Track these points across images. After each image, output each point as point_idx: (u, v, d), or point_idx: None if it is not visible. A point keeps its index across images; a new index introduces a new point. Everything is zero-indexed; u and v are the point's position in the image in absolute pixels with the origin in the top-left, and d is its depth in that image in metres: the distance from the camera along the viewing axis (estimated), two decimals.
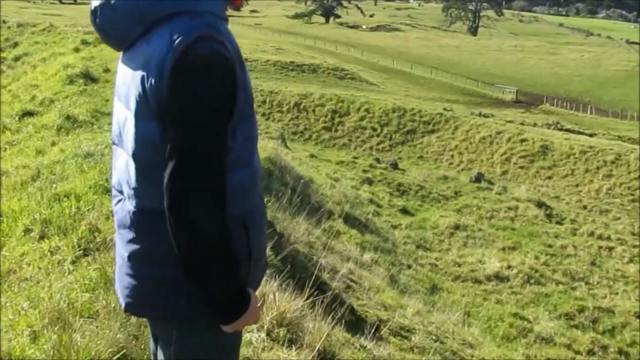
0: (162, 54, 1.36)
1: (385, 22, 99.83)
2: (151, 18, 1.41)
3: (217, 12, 1.47)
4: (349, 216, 12.83)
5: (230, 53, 1.39)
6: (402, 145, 28.82)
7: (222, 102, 1.38)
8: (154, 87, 1.37)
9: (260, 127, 24.92)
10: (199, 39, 1.35)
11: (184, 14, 1.40)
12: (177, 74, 1.34)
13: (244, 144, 1.50)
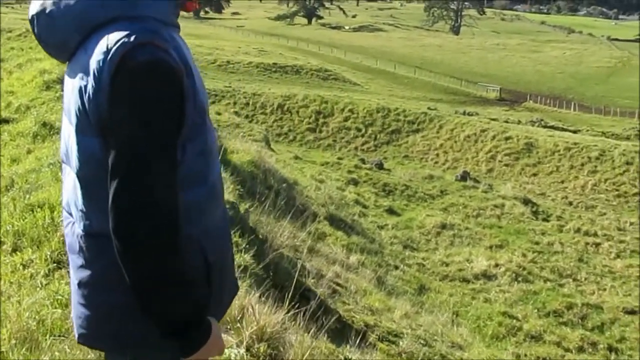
0: (99, 63, 1.22)
1: (368, 23, 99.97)
2: (89, 25, 1.28)
3: (161, 17, 1.33)
4: (334, 218, 12.72)
5: (176, 61, 1.25)
6: (387, 145, 28.77)
7: (167, 113, 1.24)
8: (92, 99, 1.24)
9: (244, 129, 24.79)
10: (138, 46, 1.21)
11: (122, 19, 1.26)
12: (115, 84, 1.21)
13: (197, 158, 1.36)
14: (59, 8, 1.30)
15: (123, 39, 1.21)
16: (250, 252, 4.44)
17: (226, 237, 1.54)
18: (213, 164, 1.44)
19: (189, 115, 1.29)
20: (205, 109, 1.37)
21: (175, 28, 1.39)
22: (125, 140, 1.21)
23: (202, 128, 1.36)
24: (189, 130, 1.31)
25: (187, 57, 1.31)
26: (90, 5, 1.28)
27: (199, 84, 1.34)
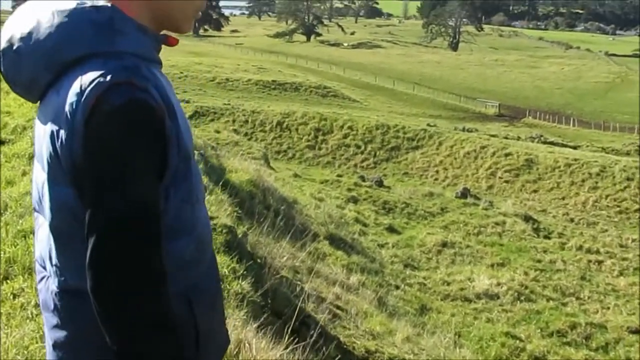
0: (72, 106, 1.10)
1: (367, 40, 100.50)
2: (60, 62, 1.15)
3: (140, 52, 1.19)
4: (334, 237, 12.60)
5: (157, 101, 1.12)
6: (387, 162, 28.71)
7: (148, 160, 1.12)
8: (65, 145, 1.11)
9: (243, 147, 24.74)
10: (114, 86, 1.08)
11: (97, 56, 1.14)
12: (89, 129, 1.08)
13: (182, 206, 1.23)
14: (27, 44, 1.16)
15: (98, 78, 1.09)
16: (248, 278, 4.31)
17: (216, 291, 1.41)
18: (199, 211, 1.31)
19: (172, 161, 1.17)
20: (190, 152, 1.24)
21: (157, 64, 1.26)
22: (101, 192, 1.09)
23: (187, 173, 1.23)
24: (172, 176, 1.19)
25: (170, 96, 1.19)
26: (62, 41, 1.15)
27: (183, 125, 1.21)
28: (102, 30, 1.15)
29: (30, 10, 1.21)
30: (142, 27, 1.20)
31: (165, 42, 1.30)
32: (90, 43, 1.14)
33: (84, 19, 1.16)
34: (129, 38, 1.17)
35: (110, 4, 1.18)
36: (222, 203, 6.37)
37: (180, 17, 1.28)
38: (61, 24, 1.15)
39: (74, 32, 1.15)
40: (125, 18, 1.18)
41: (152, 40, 1.24)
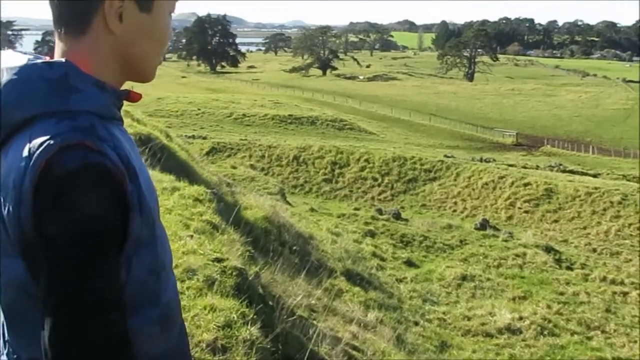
0: (20, 171, 1.00)
1: (382, 72, 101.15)
2: (9, 123, 1.07)
3: (97, 110, 1.09)
4: (351, 273, 12.44)
5: (114, 163, 1.03)
6: (404, 194, 28.55)
7: (105, 229, 1.02)
8: (12, 215, 1.02)
9: (259, 182, 24.76)
10: (65, 149, 0.99)
11: (49, 116, 1.04)
12: (38, 197, 0.99)
13: (146, 276, 1.13)
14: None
15: (48, 141, 0.99)
16: (257, 323, 4.19)
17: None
18: (166, 279, 1.21)
19: (134, 228, 1.07)
20: (154, 217, 1.15)
21: (117, 122, 1.17)
22: (54, 268, 0.99)
23: (151, 240, 1.14)
24: (134, 244, 1.09)
25: (131, 156, 1.10)
26: (11, 101, 1.06)
27: (146, 187, 1.11)
28: (54, 88, 1.07)
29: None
30: (99, 83, 1.12)
31: (127, 97, 1.21)
32: (41, 102, 1.05)
33: (35, 76, 1.07)
34: (84, 95, 1.08)
35: (64, 60, 1.11)
36: (234, 243, 6.28)
37: (147, 67, 1.23)
38: (10, 81, 1.07)
39: (24, 90, 1.06)
40: (81, 74, 1.10)
41: (111, 97, 1.14)
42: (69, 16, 1.14)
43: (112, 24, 1.13)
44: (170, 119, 42.99)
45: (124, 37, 1.15)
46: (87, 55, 1.13)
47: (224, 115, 46.84)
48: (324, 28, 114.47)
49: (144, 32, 1.18)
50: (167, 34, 1.23)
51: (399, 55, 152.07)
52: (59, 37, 1.15)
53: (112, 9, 1.12)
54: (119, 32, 1.14)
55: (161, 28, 1.20)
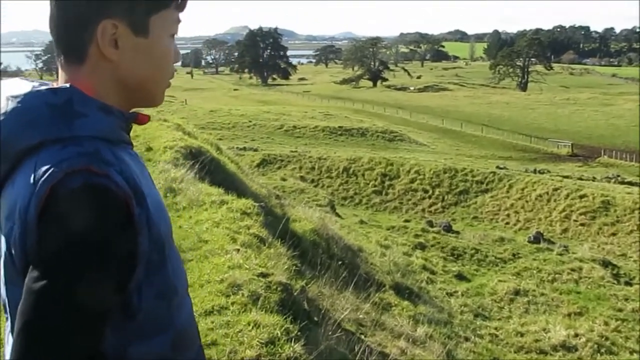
0: (25, 198, 1.00)
1: (433, 83, 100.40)
2: (15, 151, 1.05)
3: (103, 134, 1.08)
4: (400, 286, 12.30)
5: (120, 187, 1.01)
6: (455, 206, 28.18)
7: (107, 250, 0.99)
8: (17, 241, 1.01)
9: (309, 194, 24.83)
10: (70, 175, 0.98)
11: (54, 142, 1.03)
12: (42, 223, 0.98)
13: (157, 302, 1.11)
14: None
15: (52, 168, 0.99)
16: (301, 340, 4.17)
17: None
18: (180, 304, 1.18)
19: (143, 252, 1.05)
20: (164, 240, 1.11)
21: (125, 145, 1.15)
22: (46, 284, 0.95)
23: (162, 264, 1.11)
24: (145, 269, 1.07)
25: (138, 179, 1.08)
26: (16, 129, 1.05)
27: (155, 210, 1.09)
28: (59, 114, 1.05)
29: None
30: (105, 107, 1.10)
31: (135, 120, 1.19)
32: (46, 129, 1.04)
33: (39, 103, 1.06)
34: (89, 120, 1.07)
35: (69, 85, 1.09)
36: (281, 257, 6.28)
37: (151, 92, 1.21)
38: (15, 110, 1.06)
39: (28, 118, 1.05)
40: (86, 99, 1.08)
41: (118, 120, 1.13)
42: (66, 46, 1.13)
43: (107, 51, 1.11)
44: (222, 132, 43.60)
45: (122, 63, 1.13)
46: (89, 82, 1.12)
47: (274, 127, 47.23)
48: (375, 39, 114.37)
49: (143, 57, 1.15)
50: (168, 57, 1.20)
51: (450, 65, 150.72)
52: (61, 66, 1.15)
53: (106, 37, 1.10)
54: (116, 59, 1.12)
55: (161, 51, 1.17)
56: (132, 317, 1.07)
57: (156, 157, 10.21)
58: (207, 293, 4.33)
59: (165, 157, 9.73)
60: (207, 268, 4.87)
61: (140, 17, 1.12)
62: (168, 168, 8.70)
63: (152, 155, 10.88)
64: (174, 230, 4.60)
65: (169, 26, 1.18)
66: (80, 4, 1.10)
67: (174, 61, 1.23)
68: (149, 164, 10.09)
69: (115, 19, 1.10)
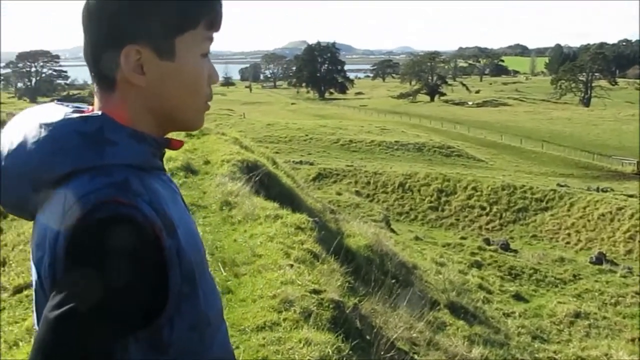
0: (54, 229, 0.99)
1: (492, 98, 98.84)
2: (45, 180, 1.04)
3: (134, 162, 1.06)
4: (455, 305, 12.10)
5: (148, 218, 0.98)
6: (514, 224, 27.59)
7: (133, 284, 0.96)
8: (47, 271, 1.00)
9: (364, 209, 24.76)
10: (98, 206, 0.96)
11: (84, 171, 1.01)
12: (69, 254, 0.97)
13: (189, 334, 1.07)
14: (13, 162, 1.07)
15: (80, 200, 0.97)
16: (353, 359, 4.12)
17: None
18: (212, 336, 1.14)
19: (174, 284, 1.02)
20: (195, 271, 1.08)
21: (158, 171, 1.14)
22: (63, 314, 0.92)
23: (193, 295, 1.07)
24: (175, 302, 1.04)
25: (169, 208, 1.05)
26: (47, 158, 1.04)
27: (187, 240, 1.06)
28: (89, 143, 1.03)
29: (19, 123, 1.12)
30: (136, 134, 1.08)
31: (169, 145, 1.16)
32: (76, 158, 1.03)
33: (70, 132, 1.04)
34: (119, 148, 1.05)
35: (100, 113, 1.08)
36: (334, 273, 6.25)
37: (185, 115, 1.15)
38: (46, 138, 1.05)
39: (59, 147, 1.04)
40: (117, 126, 1.06)
41: (150, 147, 1.10)
42: (96, 73, 1.11)
43: (133, 77, 1.08)
44: (279, 145, 44.01)
45: (150, 89, 1.10)
46: (121, 110, 1.09)
47: (331, 142, 47.36)
48: (433, 54, 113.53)
49: (171, 81, 1.10)
50: (199, 79, 1.14)
51: (510, 80, 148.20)
52: (95, 93, 1.13)
53: (130, 63, 1.07)
54: (144, 84, 1.09)
55: (191, 74, 1.12)
56: (164, 352, 1.04)
57: (213, 171, 10.35)
58: (259, 308, 4.34)
59: (222, 171, 9.86)
60: (260, 283, 4.89)
61: (164, 40, 1.08)
62: (224, 181, 8.81)
63: (209, 169, 11.06)
64: (229, 244, 4.64)
65: (197, 46, 1.12)
66: (103, 31, 1.08)
67: (211, 82, 1.17)
68: (206, 177, 10.29)
69: (138, 43, 1.06)
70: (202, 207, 8.29)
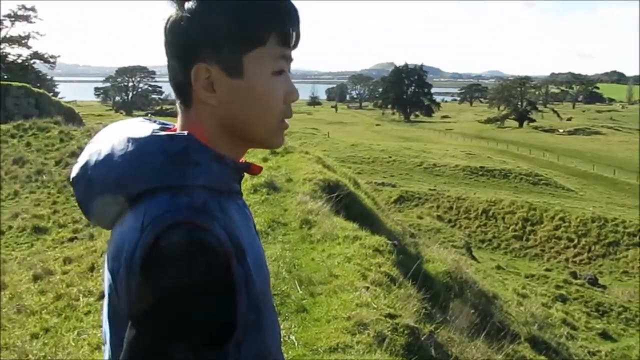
0: (132, 243, 1.01)
1: (585, 126, 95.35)
2: (127, 194, 1.06)
3: (214, 185, 1.08)
4: (537, 339, 11.66)
5: (221, 243, 1.00)
6: (603, 258, 26.39)
7: (207, 312, 0.98)
8: (123, 285, 1.03)
9: (445, 234, 24.34)
10: (174, 226, 0.98)
11: (164, 190, 1.03)
12: (143, 270, 0.99)
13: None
14: (99, 173, 1.10)
15: (158, 218, 0.99)
16: None
17: None
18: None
19: (242, 311, 1.03)
20: (260, 299, 1.08)
21: (235, 195, 1.15)
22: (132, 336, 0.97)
23: (258, 325, 1.08)
24: (242, 329, 1.04)
25: (241, 234, 1.06)
26: (131, 172, 1.06)
27: (255, 267, 1.07)
28: (173, 162, 1.05)
29: (108, 135, 1.15)
30: (219, 157, 1.10)
31: (248, 170, 1.18)
32: (159, 175, 1.05)
33: (156, 149, 1.06)
34: (202, 169, 1.06)
35: (186, 133, 1.09)
36: (410, 298, 6.16)
37: (259, 133, 1.15)
38: (132, 152, 1.07)
39: (144, 162, 1.06)
40: (202, 147, 1.08)
41: (230, 170, 1.12)
42: (175, 90, 1.14)
43: (204, 95, 1.10)
44: (362, 166, 44.04)
45: (222, 107, 1.11)
46: (199, 127, 1.12)
47: (414, 164, 46.96)
48: (523, 79, 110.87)
49: (241, 99, 1.11)
50: (271, 96, 1.12)
51: (604, 108, 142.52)
52: (178, 109, 1.16)
53: (199, 81, 1.09)
54: (215, 102, 1.10)
55: (260, 90, 1.11)
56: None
57: (295, 188, 10.46)
58: (333, 329, 4.33)
59: (303, 189, 9.95)
60: (335, 303, 4.88)
61: (231, 58, 1.08)
62: (305, 200, 8.88)
63: (291, 187, 11.19)
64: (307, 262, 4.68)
65: (268, 63, 1.11)
66: (176, 50, 1.10)
67: (288, 100, 1.16)
68: (288, 195, 10.43)
69: (206, 62, 1.08)
70: (282, 225, 8.39)
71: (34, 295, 7.53)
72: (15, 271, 9.01)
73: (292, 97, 1.16)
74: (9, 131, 18.16)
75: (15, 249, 11.01)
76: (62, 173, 15.09)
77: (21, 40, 53.43)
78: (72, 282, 7.58)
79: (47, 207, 13.06)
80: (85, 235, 10.98)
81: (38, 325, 6.39)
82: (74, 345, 5.41)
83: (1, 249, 11.05)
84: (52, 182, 14.61)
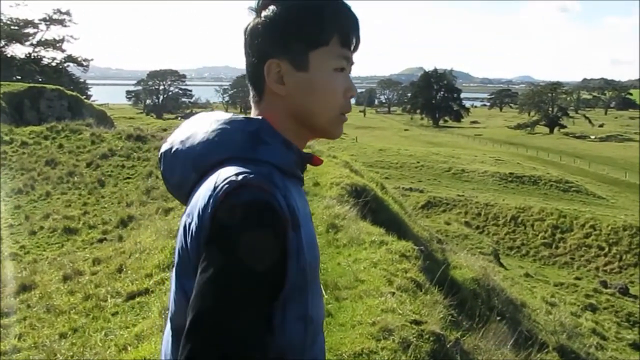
0: (205, 200, 1.14)
1: (617, 132, 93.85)
2: (205, 164, 1.23)
3: (279, 164, 1.22)
4: (565, 349, 11.51)
5: (281, 207, 1.12)
6: (635, 267, 25.89)
7: (263, 264, 1.09)
8: (194, 238, 1.15)
9: (472, 241, 24.14)
10: (244, 186, 1.12)
11: (237, 159, 1.19)
12: (213, 223, 1.11)
13: (295, 326, 1.17)
14: (183, 147, 1.28)
15: (231, 177, 1.13)
16: None
17: None
18: (314, 336, 1.23)
19: (290, 275, 1.13)
20: (307, 270, 1.18)
21: (296, 180, 1.28)
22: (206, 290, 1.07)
23: (304, 291, 1.18)
24: (290, 291, 1.14)
25: (298, 208, 1.18)
26: (212, 146, 1.24)
27: (307, 240, 1.18)
28: (248, 139, 1.22)
29: (196, 119, 1.33)
30: (287, 142, 1.25)
31: (310, 161, 1.32)
32: (235, 149, 1.21)
33: (235, 128, 1.24)
34: (271, 149, 1.22)
35: (261, 117, 1.27)
36: (437, 305, 6.12)
37: (321, 124, 1.31)
38: (215, 130, 1.25)
39: (224, 138, 1.23)
40: (272, 131, 1.25)
41: (295, 156, 1.27)
42: (251, 84, 1.32)
43: (275, 87, 1.27)
44: (390, 171, 43.88)
45: (290, 98, 1.28)
46: (270, 117, 1.28)
47: (442, 170, 46.65)
48: (555, 84, 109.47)
49: (306, 90, 1.27)
50: (330, 90, 1.29)
51: (637, 114, 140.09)
52: (252, 102, 1.33)
53: (271, 74, 1.27)
54: (285, 94, 1.28)
55: (322, 84, 1.27)
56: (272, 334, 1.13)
57: (322, 192, 10.47)
58: (357, 335, 4.32)
59: (330, 193, 9.96)
60: (360, 309, 4.87)
61: (299, 54, 1.26)
62: (332, 204, 8.88)
63: (318, 190, 11.20)
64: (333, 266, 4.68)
65: (330, 61, 1.28)
66: (253, 50, 1.29)
67: (348, 96, 1.32)
68: (315, 199, 10.42)
69: (278, 58, 1.26)
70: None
71: (64, 295, 7.64)
72: (46, 271, 9.15)
73: (351, 92, 1.33)
74: (42, 133, 18.49)
75: (46, 249, 11.19)
76: (92, 175, 15.31)
77: (56, 44, 54.39)
78: (100, 282, 7.68)
79: (78, 208, 13.26)
80: (115, 237, 11.12)
81: (67, 325, 6.48)
82: (101, 345, 5.48)
83: (33, 249, 11.24)
84: (83, 184, 14.82)
